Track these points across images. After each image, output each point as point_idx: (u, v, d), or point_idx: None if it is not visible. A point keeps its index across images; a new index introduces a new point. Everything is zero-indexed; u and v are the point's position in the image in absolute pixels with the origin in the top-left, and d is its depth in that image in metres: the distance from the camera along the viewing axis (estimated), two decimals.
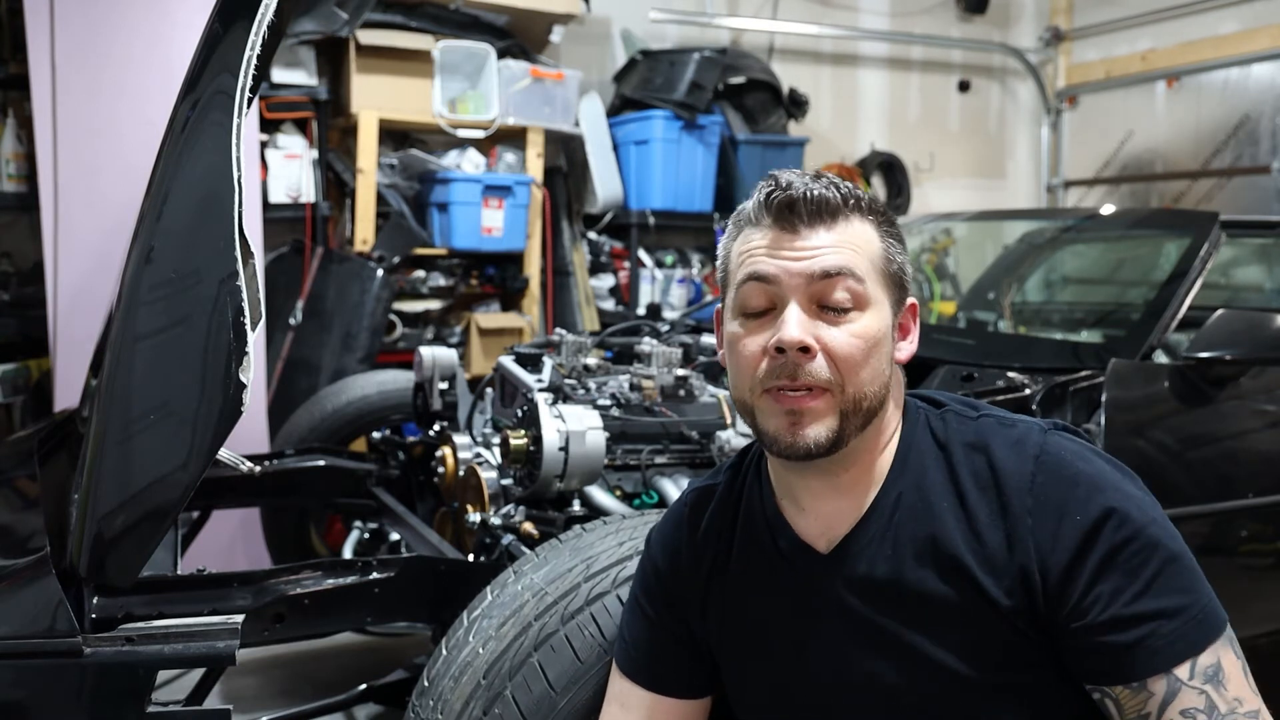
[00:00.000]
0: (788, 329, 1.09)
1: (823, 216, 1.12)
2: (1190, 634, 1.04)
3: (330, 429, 3.06)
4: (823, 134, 5.55)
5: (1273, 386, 2.30)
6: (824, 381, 1.09)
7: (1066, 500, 1.08)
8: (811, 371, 1.09)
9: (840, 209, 1.13)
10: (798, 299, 1.10)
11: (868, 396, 1.11)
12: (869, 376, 1.11)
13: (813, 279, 1.10)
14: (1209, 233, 2.42)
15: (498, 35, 4.25)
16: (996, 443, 1.14)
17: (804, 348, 1.08)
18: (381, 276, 3.84)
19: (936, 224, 4.00)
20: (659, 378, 2.41)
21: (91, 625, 1.44)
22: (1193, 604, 1.05)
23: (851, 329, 1.10)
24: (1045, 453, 1.12)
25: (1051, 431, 1.15)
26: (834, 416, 1.10)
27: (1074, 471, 1.10)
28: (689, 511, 1.32)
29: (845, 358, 1.09)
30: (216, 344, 1.40)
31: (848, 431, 1.11)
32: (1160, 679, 1.03)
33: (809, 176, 1.14)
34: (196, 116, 1.44)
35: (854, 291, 1.11)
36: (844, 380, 1.10)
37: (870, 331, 1.11)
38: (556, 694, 1.48)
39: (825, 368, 1.09)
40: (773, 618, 1.23)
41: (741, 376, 1.14)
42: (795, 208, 1.12)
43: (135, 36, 3.18)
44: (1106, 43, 5.95)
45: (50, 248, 3.13)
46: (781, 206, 1.12)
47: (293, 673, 3.05)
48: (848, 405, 1.10)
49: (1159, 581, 1.04)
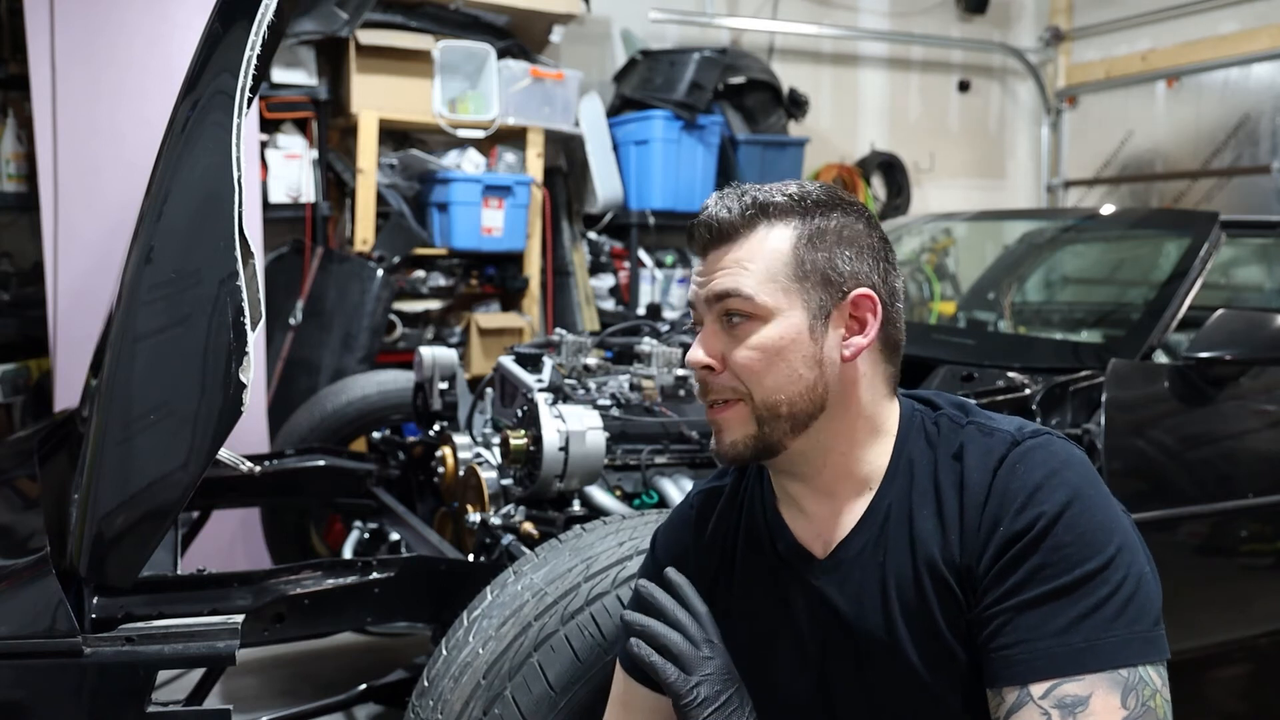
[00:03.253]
0: (691, 351, 1.17)
1: (721, 239, 1.16)
2: (1063, 658, 0.99)
3: (330, 429, 3.06)
4: (823, 134, 5.55)
5: (1273, 386, 2.30)
6: (729, 393, 1.15)
7: (1005, 510, 1.07)
8: (715, 386, 1.16)
9: (737, 227, 1.15)
10: (710, 319, 1.17)
11: (781, 401, 1.13)
12: (775, 383, 1.13)
13: (712, 301, 1.16)
14: (1209, 233, 2.42)
15: (498, 35, 4.25)
16: (970, 452, 1.14)
17: (707, 366, 1.16)
18: (381, 276, 3.84)
19: (936, 224, 4.00)
20: (659, 378, 2.41)
21: (91, 625, 1.44)
22: (1090, 632, 0.99)
23: (749, 342, 1.14)
24: (1005, 463, 1.10)
25: (1027, 441, 1.12)
26: (750, 423, 1.15)
27: (1020, 484, 1.07)
28: (695, 514, 1.32)
29: (742, 369, 1.14)
30: (216, 344, 1.40)
31: (773, 435, 1.14)
32: (1013, 690, 1.01)
33: (725, 196, 1.18)
34: (196, 116, 1.44)
35: (743, 308, 1.14)
36: (749, 390, 1.14)
37: (768, 342, 1.13)
38: (556, 694, 1.48)
39: (729, 381, 1.15)
40: (773, 621, 1.23)
41: None
42: (696, 234, 1.18)
43: (135, 36, 3.19)
44: (1106, 43, 5.95)
45: (50, 248, 3.13)
46: (692, 231, 1.19)
47: (293, 673, 3.05)
48: (762, 412, 1.14)
49: (1061, 598, 1.01)
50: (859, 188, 5.38)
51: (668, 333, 2.88)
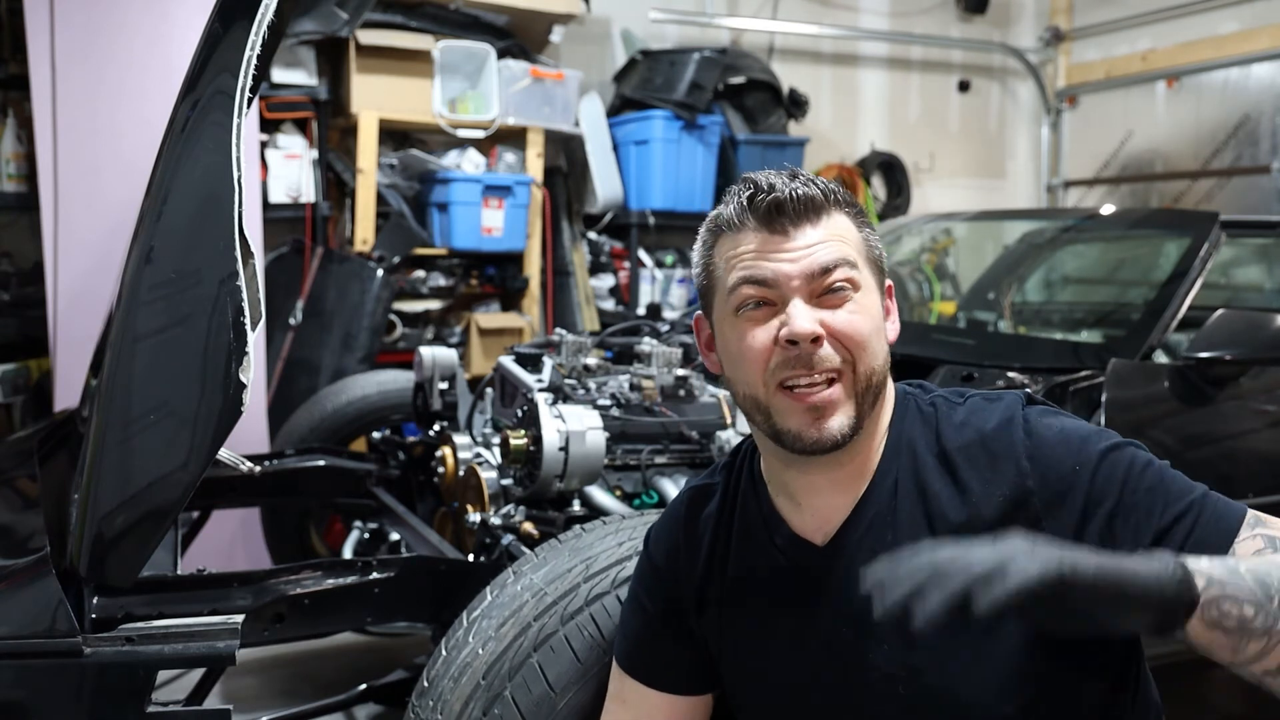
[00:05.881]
0: (798, 321, 1.11)
1: (809, 215, 1.15)
2: (1226, 511, 1.09)
3: (330, 429, 3.06)
4: (823, 134, 5.55)
5: (1273, 386, 2.30)
6: (837, 365, 1.13)
7: (1065, 458, 1.13)
8: (824, 358, 1.12)
9: (824, 205, 1.16)
10: (801, 294, 1.13)
11: (876, 372, 1.15)
12: (874, 352, 1.15)
13: (812, 276, 1.13)
14: (1209, 233, 2.42)
15: (498, 35, 4.25)
16: (984, 417, 1.19)
17: (815, 337, 1.11)
18: (381, 276, 3.84)
19: (936, 224, 4.00)
20: (659, 378, 2.41)
21: (91, 625, 1.44)
22: (1208, 492, 1.12)
23: (852, 309, 1.14)
24: (1030, 421, 1.17)
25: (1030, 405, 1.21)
26: (851, 402, 1.13)
27: (1061, 431, 1.15)
28: (686, 511, 1.33)
29: (852, 335, 1.13)
30: (216, 344, 1.40)
31: (864, 414, 1.15)
32: None
33: (785, 176, 1.17)
34: (196, 116, 1.44)
35: (850, 278, 1.14)
36: (855, 360, 1.13)
37: (870, 310, 1.15)
38: (556, 695, 1.48)
39: (834, 352, 1.12)
40: (772, 614, 1.23)
41: (750, 373, 1.15)
42: (784, 209, 1.14)
43: (135, 36, 3.18)
44: (1106, 43, 5.94)
45: (50, 248, 3.13)
46: (770, 209, 1.14)
47: (293, 673, 3.05)
48: (860, 385, 1.14)
49: (1175, 485, 1.11)
50: (859, 188, 5.38)
51: (668, 333, 2.88)
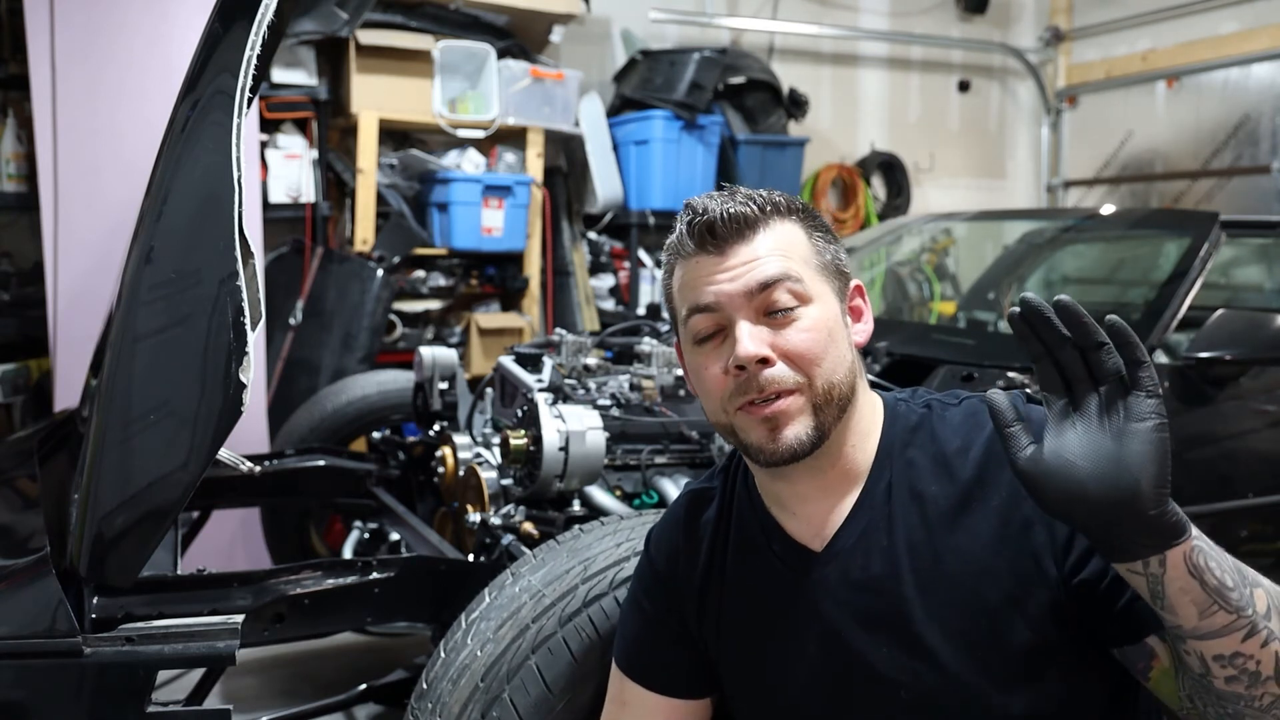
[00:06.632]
0: (741, 346, 1.11)
1: (743, 231, 1.15)
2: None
3: (330, 429, 3.06)
4: (823, 134, 5.55)
5: (1273, 386, 2.30)
6: (791, 384, 1.11)
7: None
8: (774, 379, 1.11)
9: (758, 219, 1.15)
10: (744, 316, 1.13)
11: (836, 385, 1.13)
12: (832, 365, 1.13)
13: (752, 294, 1.13)
14: (1209, 233, 2.42)
15: (498, 35, 4.25)
16: (980, 419, 1.18)
17: (762, 359, 1.11)
18: (381, 276, 3.84)
19: (936, 224, 4.00)
20: (659, 378, 2.41)
21: (91, 625, 1.44)
22: None
23: (800, 325, 1.13)
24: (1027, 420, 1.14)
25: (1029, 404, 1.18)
26: (808, 413, 1.12)
27: None
28: (686, 514, 1.33)
29: (803, 354, 1.12)
30: (216, 344, 1.40)
31: (826, 424, 1.13)
32: None
33: (724, 196, 1.17)
34: (196, 116, 1.44)
35: (794, 291, 1.13)
36: (809, 376, 1.12)
37: (821, 322, 1.14)
38: (554, 696, 1.48)
39: (787, 371, 1.12)
40: (770, 618, 1.23)
41: (711, 401, 1.17)
42: (715, 230, 1.14)
43: (135, 36, 3.18)
44: (1106, 43, 5.94)
45: (50, 248, 3.13)
46: (703, 231, 1.15)
47: (293, 673, 3.05)
48: (819, 398, 1.12)
49: None
50: (859, 188, 5.38)
51: (668, 333, 2.88)
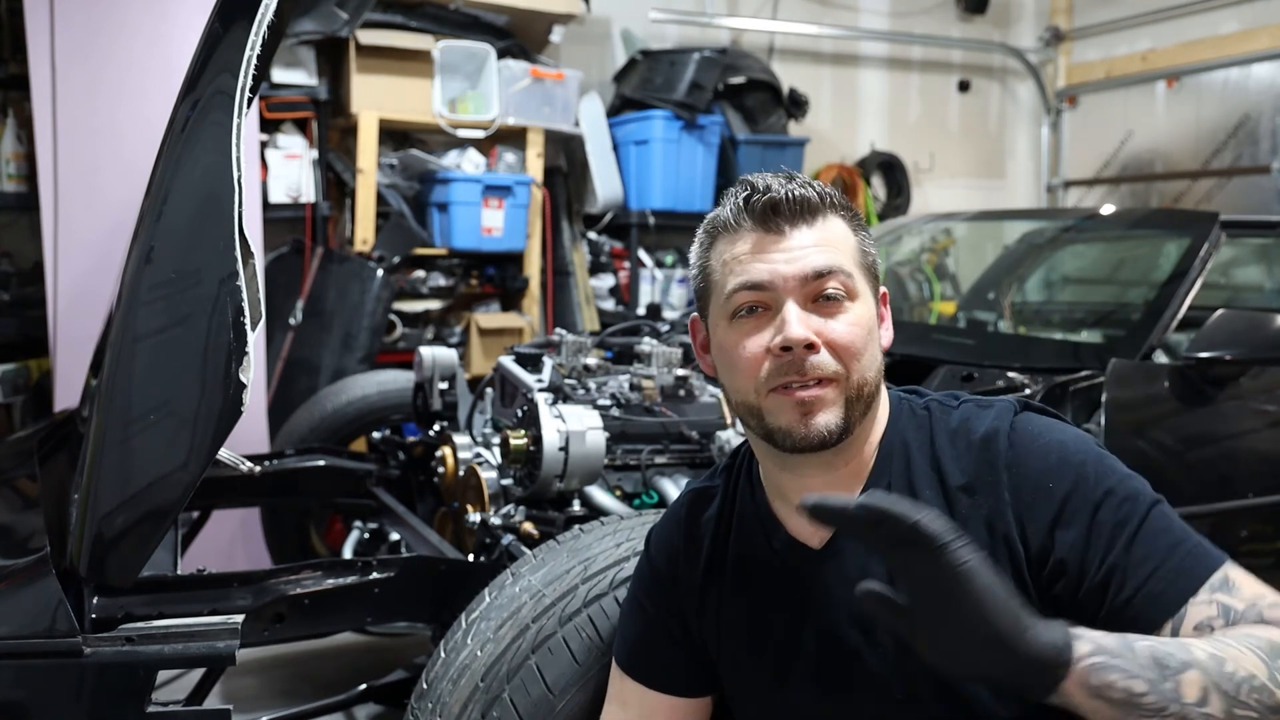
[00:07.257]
0: (792, 328, 1.10)
1: (805, 216, 1.15)
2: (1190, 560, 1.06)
3: (330, 429, 3.06)
4: (823, 134, 5.54)
5: (1273, 386, 2.30)
6: (830, 372, 1.12)
7: (1041, 472, 1.12)
8: (818, 364, 1.11)
9: (820, 208, 1.16)
10: (794, 299, 1.12)
11: (868, 382, 1.14)
12: (868, 362, 1.14)
13: (807, 279, 1.12)
14: (1209, 233, 2.42)
15: (498, 35, 4.25)
16: (974, 426, 1.18)
17: (809, 344, 1.10)
18: (381, 276, 3.84)
19: (936, 224, 3.99)
20: (659, 378, 2.41)
21: (91, 625, 1.44)
22: (1186, 539, 1.08)
23: (848, 319, 1.13)
24: (1016, 430, 1.16)
25: (1024, 412, 1.19)
26: (840, 405, 1.13)
27: (1045, 444, 1.14)
28: (686, 513, 1.33)
29: (847, 346, 1.12)
30: (216, 344, 1.40)
31: (853, 419, 1.14)
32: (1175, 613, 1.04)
33: (782, 178, 1.17)
34: (196, 116, 1.43)
35: (845, 284, 1.14)
36: (848, 369, 1.12)
37: (864, 319, 1.15)
38: (554, 697, 1.48)
39: (830, 359, 1.12)
40: (769, 616, 1.23)
41: (743, 379, 1.15)
42: (780, 209, 1.14)
43: (135, 36, 3.18)
44: (1106, 43, 5.94)
45: (50, 248, 3.13)
46: (765, 209, 1.14)
47: (293, 673, 3.05)
48: (852, 392, 1.13)
49: (1148, 525, 1.07)
50: (859, 188, 5.38)
51: (668, 333, 2.88)
